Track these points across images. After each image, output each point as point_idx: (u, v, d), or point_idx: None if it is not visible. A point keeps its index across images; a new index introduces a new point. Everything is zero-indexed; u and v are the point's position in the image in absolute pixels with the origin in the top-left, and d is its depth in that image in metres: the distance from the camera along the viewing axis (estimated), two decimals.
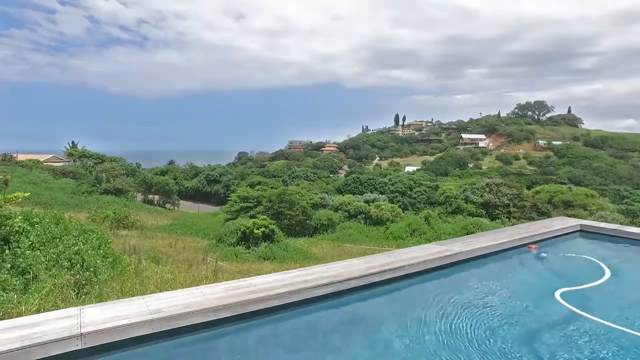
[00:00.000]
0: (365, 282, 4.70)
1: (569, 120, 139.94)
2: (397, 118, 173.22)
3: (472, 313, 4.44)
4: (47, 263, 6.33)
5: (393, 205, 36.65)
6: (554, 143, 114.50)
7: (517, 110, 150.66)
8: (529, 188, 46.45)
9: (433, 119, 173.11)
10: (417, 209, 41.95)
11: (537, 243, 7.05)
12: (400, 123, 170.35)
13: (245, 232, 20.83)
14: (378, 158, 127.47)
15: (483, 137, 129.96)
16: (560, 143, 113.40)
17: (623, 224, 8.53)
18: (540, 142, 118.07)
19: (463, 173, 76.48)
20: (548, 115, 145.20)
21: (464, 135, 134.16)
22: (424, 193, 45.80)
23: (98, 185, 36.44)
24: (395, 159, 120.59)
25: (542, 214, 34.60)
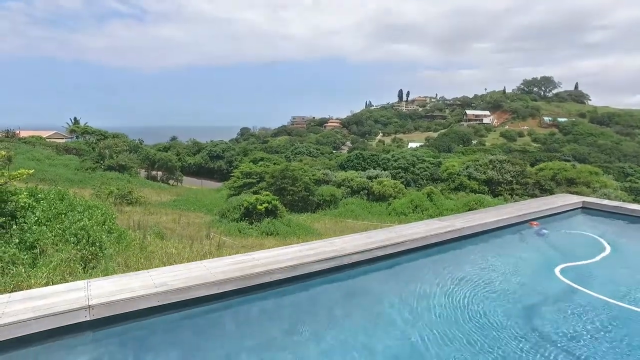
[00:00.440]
0: (367, 256, 4.76)
1: (576, 97, 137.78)
2: (400, 94, 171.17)
3: (472, 288, 4.51)
4: (53, 238, 6.42)
5: (396, 182, 36.67)
6: (560, 120, 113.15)
7: (522, 86, 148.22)
8: (533, 165, 46.21)
9: (437, 95, 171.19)
10: (419, 186, 41.98)
11: (539, 220, 7.07)
12: (404, 99, 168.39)
13: (248, 207, 20.97)
14: (381, 134, 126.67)
15: (487, 113, 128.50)
16: (566, 120, 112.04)
17: (626, 202, 8.52)
18: (546, 118, 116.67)
19: (466, 150, 76.00)
20: (554, 92, 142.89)
21: (468, 112, 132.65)
22: (427, 169, 45.72)
23: (101, 162, 36.53)
24: (399, 135, 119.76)
25: (544, 191, 34.56)
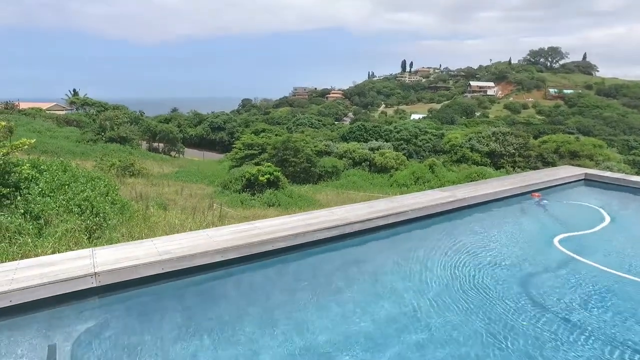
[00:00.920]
0: (369, 225, 4.81)
1: (583, 68, 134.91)
2: (404, 64, 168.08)
3: (472, 257, 4.58)
4: (57, 209, 6.48)
5: (398, 153, 36.56)
6: (565, 92, 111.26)
7: (529, 57, 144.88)
8: (536, 138, 45.84)
9: (441, 66, 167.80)
10: (421, 157, 41.88)
11: (541, 191, 7.08)
12: (407, 69, 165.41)
13: (250, 179, 21.03)
14: (384, 105, 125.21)
15: (492, 84, 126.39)
16: (572, 92, 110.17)
17: (629, 175, 8.50)
18: (551, 90, 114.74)
19: (469, 122, 75.25)
20: (561, 62, 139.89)
21: (472, 83, 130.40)
22: (429, 141, 45.49)
23: (102, 134, 36.39)
24: (401, 107, 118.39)
25: (547, 164, 34.42)
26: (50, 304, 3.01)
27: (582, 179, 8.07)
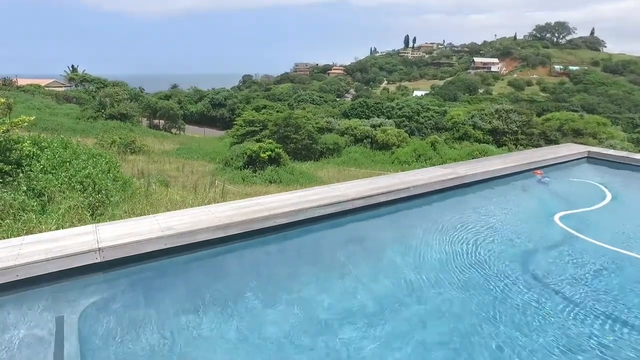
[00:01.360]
0: (370, 202, 4.82)
1: (590, 44, 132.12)
2: (407, 40, 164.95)
3: (472, 234, 4.60)
4: (60, 186, 6.51)
5: (399, 130, 36.39)
6: (571, 68, 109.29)
7: (535, 32, 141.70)
8: (540, 115, 45.38)
9: (445, 41, 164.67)
10: (423, 134, 41.70)
11: (543, 169, 7.05)
12: (410, 45, 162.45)
13: (252, 155, 21.03)
14: (386, 82, 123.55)
15: (496, 60, 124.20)
16: (578, 68, 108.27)
17: (632, 153, 8.45)
18: (557, 67, 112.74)
19: (472, 99, 74.42)
20: (568, 38, 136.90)
21: (476, 59, 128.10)
22: (432, 118, 45.18)
23: (102, 111, 36.16)
24: (404, 83, 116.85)
25: (550, 142, 34.23)
26: (56, 279, 3.06)
27: (584, 157, 8.03)
